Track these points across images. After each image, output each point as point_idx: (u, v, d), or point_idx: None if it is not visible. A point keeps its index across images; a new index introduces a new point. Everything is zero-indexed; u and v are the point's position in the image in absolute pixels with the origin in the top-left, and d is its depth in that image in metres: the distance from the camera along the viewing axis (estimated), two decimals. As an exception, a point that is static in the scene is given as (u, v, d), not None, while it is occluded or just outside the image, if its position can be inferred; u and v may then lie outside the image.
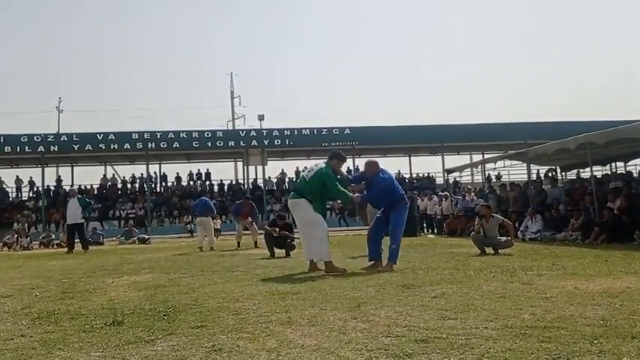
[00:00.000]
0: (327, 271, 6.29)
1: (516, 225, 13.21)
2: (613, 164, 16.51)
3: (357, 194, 6.89)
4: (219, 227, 21.43)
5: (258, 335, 3.19)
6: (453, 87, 74.13)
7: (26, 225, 24.09)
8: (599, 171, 16.03)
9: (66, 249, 14.30)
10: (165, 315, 3.90)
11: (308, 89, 76.07)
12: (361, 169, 7.21)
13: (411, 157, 33.59)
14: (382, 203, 6.99)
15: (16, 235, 18.69)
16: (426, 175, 32.97)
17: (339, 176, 6.72)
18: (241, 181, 32.24)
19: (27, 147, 27.44)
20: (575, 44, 71.60)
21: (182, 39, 77.06)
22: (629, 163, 16.35)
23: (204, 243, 12.71)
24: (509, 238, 8.71)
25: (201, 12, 76.58)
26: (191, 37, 77.11)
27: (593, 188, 12.25)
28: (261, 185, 30.66)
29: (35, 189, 30.15)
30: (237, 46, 77.05)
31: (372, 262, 6.71)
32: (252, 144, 29.04)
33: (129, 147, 28.19)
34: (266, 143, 29.05)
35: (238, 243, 12.99)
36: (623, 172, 16.00)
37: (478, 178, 25.13)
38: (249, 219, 13.16)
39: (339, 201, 6.66)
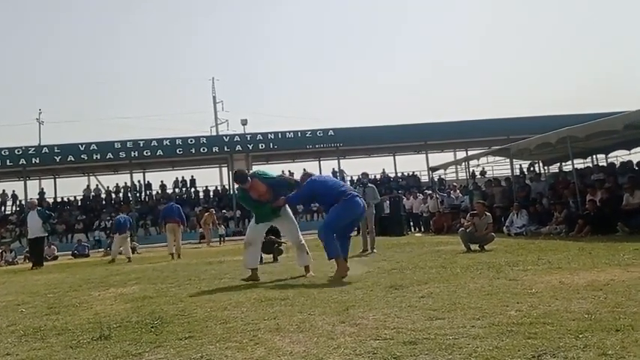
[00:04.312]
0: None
1: (502, 220, 13.37)
2: (594, 157, 16.70)
3: (281, 198, 6.54)
4: (223, 233, 21.56)
5: (247, 344, 3.18)
6: (440, 85, 74.65)
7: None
8: (580, 164, 16.23)
9: (52, 262, 14.11)
10: (152, 327, 3.87)
11: (290, 92, 76.10)
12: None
13: (396, 156, 33.83)
14: (322, 203, 6.91)
15: (0, 251, 18.45)
16: (410, 173, 33.17)
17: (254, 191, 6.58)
18: (227, 187, 32.13)
19: (8, 160, 27.11)
20: (561, 40, 72.54)
21: (161, 46, 76.70)
22: (610, 155, 16.56)
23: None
24: (491, 233, 8.93)
25: (180, 18, 76.28)
26: (170, 44, 76.77)
27: (576, 181, 12.41)
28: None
29: (18, 202, 29.78)
30: (218, 51, 76.88)
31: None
32: (237, 149, 28.97)
33: (112, 157, 27.99)
34: (250, 148, 29.00)
35: (172, 255, 12.68)
36: (605, 164, 16.20)
37: (462, 175, 25.28)
38: (180, 226, 13.21)
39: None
